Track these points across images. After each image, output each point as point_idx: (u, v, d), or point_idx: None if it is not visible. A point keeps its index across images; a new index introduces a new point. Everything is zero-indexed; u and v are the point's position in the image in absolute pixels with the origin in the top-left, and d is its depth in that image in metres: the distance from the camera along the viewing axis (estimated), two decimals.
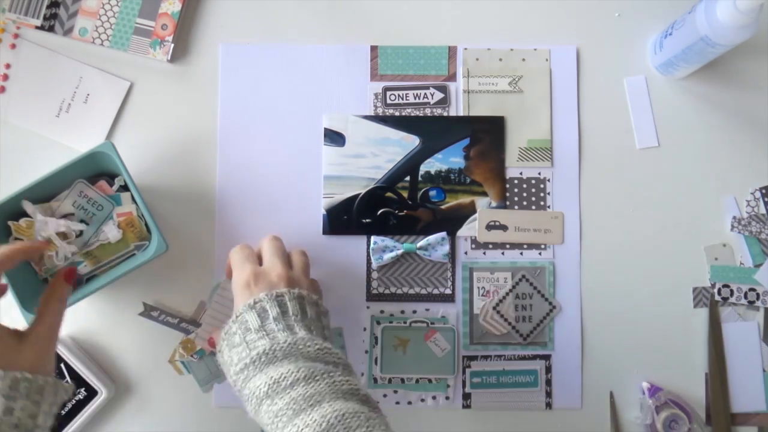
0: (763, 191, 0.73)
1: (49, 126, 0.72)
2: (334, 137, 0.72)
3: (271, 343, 0.51)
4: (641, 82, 0.73)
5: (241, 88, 0.73)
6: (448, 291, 0.71)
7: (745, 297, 0.71)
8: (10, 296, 0.62)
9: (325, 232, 0.72)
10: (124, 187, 0.68)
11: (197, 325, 0.69)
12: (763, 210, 0.72)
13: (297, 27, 0.73)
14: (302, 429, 0.46)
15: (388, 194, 0.72)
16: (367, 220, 0.72)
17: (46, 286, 0.60)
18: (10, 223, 0.66)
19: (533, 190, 0.72)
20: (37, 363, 0.51)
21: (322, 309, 0.59)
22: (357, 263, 0.71)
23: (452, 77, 0.73)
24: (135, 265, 0.64)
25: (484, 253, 0.72)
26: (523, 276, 0.71)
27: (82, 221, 0.67)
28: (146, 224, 0.67)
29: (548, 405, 0.71)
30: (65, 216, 0.67)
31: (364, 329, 0.71)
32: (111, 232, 0.67)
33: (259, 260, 0.61)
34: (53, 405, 0.52)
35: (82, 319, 0.70)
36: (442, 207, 0.72)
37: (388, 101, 0.73)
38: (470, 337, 0.71)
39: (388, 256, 0.70)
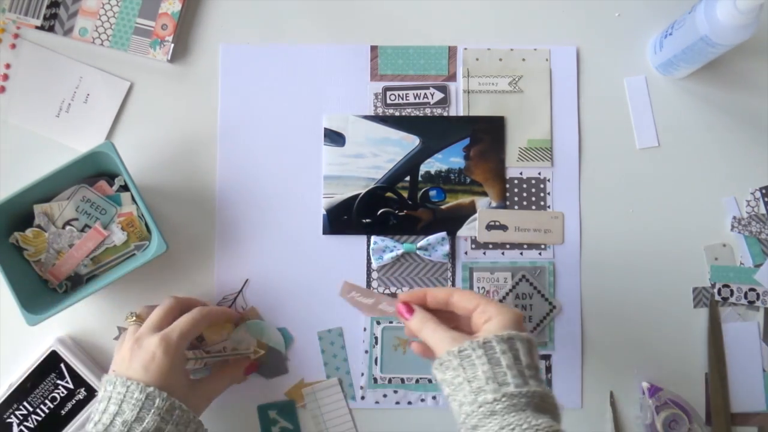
0: (763, 191, 0.73)
1: (49, 126, 0.72)
2: (334, 137, 0.72)
3: (544, 390, 0.51)
4: (641, 82, 0.73)
5: (241, 88, 0.73)
6: None
7: (745, 297, 0.71)
8: (10, 296, 0.62)
9: (325, 232, 0.72)
10: (124, 187, 0.68)
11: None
12: (763, 210, 0.72)
13: (297, 27, 0.73)
14: None
15: (388, 194, 0.72)
16: (367, 220, 0.72)
17: (51, 293, 0.62)
18: (17, 234, 0.66)
19: (533, 190, 0.72)
20: (195, 404, 0.60)
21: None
22: (357, 263, 0.71)
23: (452, 77, 0.73)
24: (135, 266, 0.64)
25: (484, 253, 0.72)
26: (523, 276, 0.71)
27: (86, 226, 0.67)
28: (146, 224, 0.67)
29: None
30: (69, 222, 0.67)
31: (364, 329, 0.71)
32: (116, 236, 0.67)
33: None
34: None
35: (82, 319, 0.70)
36: (442, 207, 0.72)
37: (388, 101, 0.73)
38: None
39: (388, 256, 0.70)
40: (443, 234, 0.71)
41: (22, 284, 0.64)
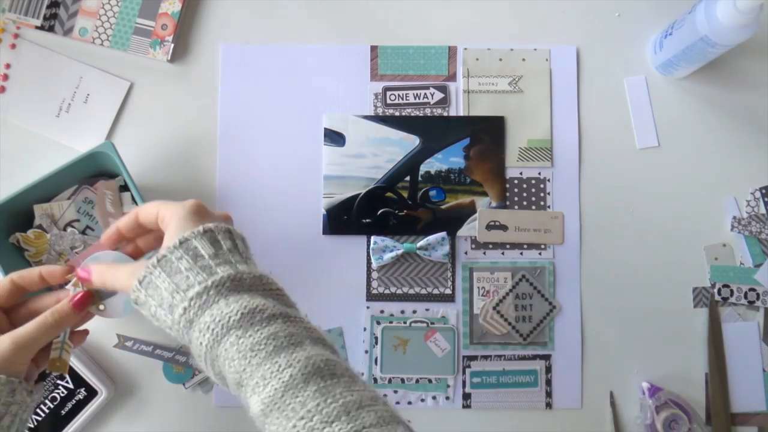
0: (763, 191, 0.73)
1: (49, 126, 0.72)
2: (334, 137, 0.72)
3: (235, 272, 0.46)
4: (641, 82, 0.73)
5: (241, 88, 0.73)
6: (448, 291, 0.71)
7: (745, 297, 0.71)
8: None
9: (325, 232, 0.72)
10: (124, 187, 0.68)
11: (170, 351, 0.68)
12: (763, 210, 0.72)
13: (297, 27, 0.73)
14: (284, 368, 0.42)
15: (388, 194, 0.72)
16: (367, 220, 0.72)
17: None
18: (18, 234, 0.66)
19: (533, 190, 0.72)
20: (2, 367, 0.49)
21: (246, 243, 0.53)
22: (357, 263, 0.71)
23: (452, 77, 0.73)
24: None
25: (484, 253, 0.72)
26: (523, 276, 0.71)
27: (87, 227, 0.67)
28: None
29: (548, 405, 0.71)
30: (70, 223, 0.67)
31: (364, 329, 0.71)
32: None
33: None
34: (10, 405, 0.49)
35: None
36: (442, 207, 0.72)
37: (388, 101, 0.73)
38: (470, 337, 0.71)
39: (388, 256, 0.70)
40: (443, 234, 0.71)
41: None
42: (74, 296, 0.52)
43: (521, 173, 0.72)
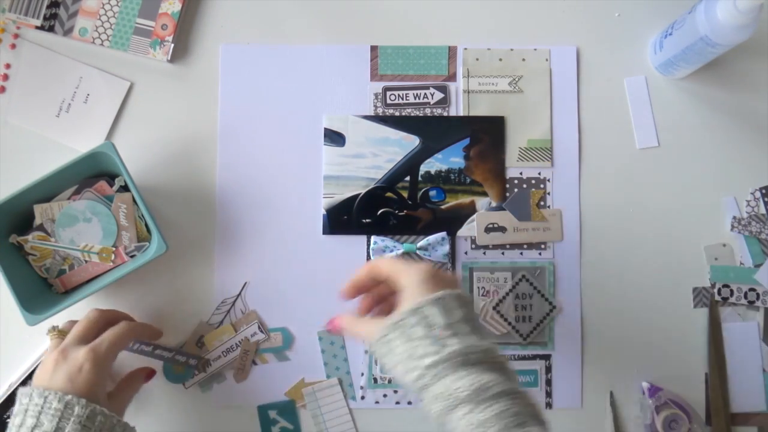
0: (763, 191, 0.73)
1: (49, 126, 0.71)
2: (334, 137, 0.72)
3: (465, 346, 0.49)
4: (641, 82, 0.73)
5: (241, 88, 0.73)
6: None
7: (745, 297, 0.71)
8: (10, 297, 0.62)
9: (325, 232, 0.72)
10: (125, 188, 0.68)
11: (170, 351, 0.68)
12: (763, 210, 0.72)
13: (297, 27, 0.73)
14: None
15: (388, 194, 0.72)
16: (367, 220, 0.72)
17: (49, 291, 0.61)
18: (20, 239, 0.66)
19: (533, 190, 0.72)
20: (117, 408, 0.59)
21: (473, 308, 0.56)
22: (357, 263, 0.71)
23: (452, 77, 0.73)
24: (135, 266, 0.64)
25: (484, 253, 0.72)
26: (523, 276, 0.71)
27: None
28: (146, 225, 0.67)
29: (548, 405, 0.71)
30: None
31: None
32: (128, 238, 0.67)
33: None
34: None
35: None
36: (442, 207, 0.72)
37: (388, 101, 0.73)
38: None
39: (388, 256, 0.70)
40: (443, 234, 0.71)
41: (22, 284, 0.64)
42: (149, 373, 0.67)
43: (521, 173, 0.72)
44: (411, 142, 0.72)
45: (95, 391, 0.55)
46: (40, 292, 0.66)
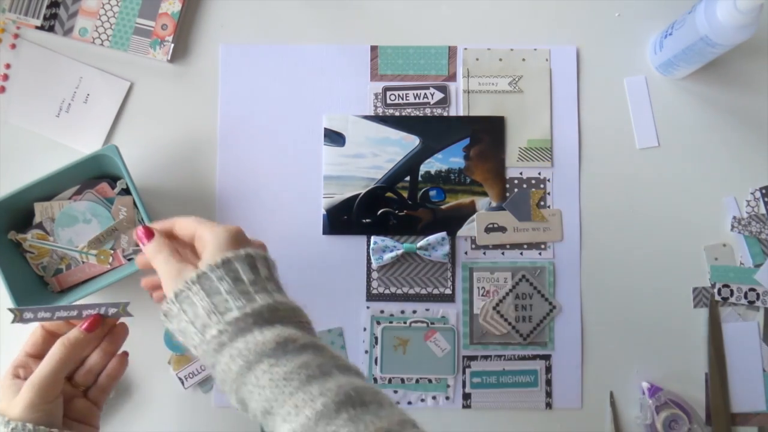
0: (763, 191, 0.73)
1: (49, 126, 0.71)
2: (334, 137, 0.72)
3: (273, 301, 0.47)
4: (641, 82, 0.73)
5: (241, 88, 0.73)
6: (448, 291, 0.71)
7: (745, 297, 0.71)
8: (6, 295, 0.62)
9: (325, 232, 0.72)
10: (126, 191, 0.68)
11: (74, 309, 0.56)
12: (763, 210, 0.72)
13: (297, 27, 0.73)
14: (317, 397, 0.42)
15: (388, 194, 0.72)
16: (367, 220, 0.72)
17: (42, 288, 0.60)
18: (18, 237, 0.66)
19: (533, 190, 0.72)
20: (27, 414, 0.50)
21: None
22: (357, 263, 0.71)
23: (452, 77, 0.73)
24: (132, 269, 0.64)
25: (484, 253, 0.72)
26: (523, 276, 0.71)
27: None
28: None
29: (548, 405, 0.71)
30: None
31: (364, 329, 0.71)
32: (126, 240, 0.68)
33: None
34: None
35: None
36: (442, 207, 0.72)
37: (388, 101, 0.73)
38: (470, 337, 0.71)
39: (388, 256, 0.70)
40: (443, 234, 0.71)
41: (18, 281, 0.64)
42: (83, 322, 0.53)
43: (521, 173, 0.72)
44: (411, 142, 0.72)
45: (48, 413, 0.50)
46: (36, 290, 0.66)
